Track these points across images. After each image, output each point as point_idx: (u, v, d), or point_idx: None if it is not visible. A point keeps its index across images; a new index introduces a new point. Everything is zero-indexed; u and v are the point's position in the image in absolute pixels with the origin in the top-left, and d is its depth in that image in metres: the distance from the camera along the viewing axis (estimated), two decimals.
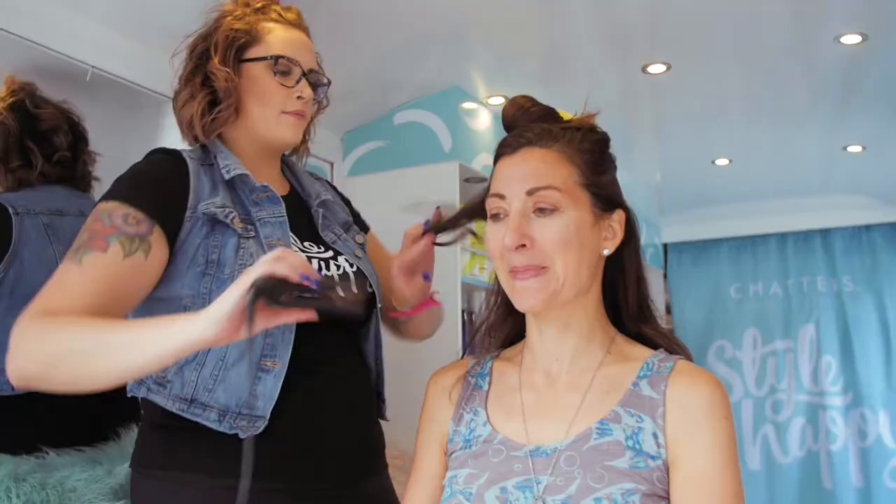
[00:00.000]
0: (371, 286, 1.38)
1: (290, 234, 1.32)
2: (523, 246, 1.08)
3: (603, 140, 1.17)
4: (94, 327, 1.10)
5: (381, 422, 1.44)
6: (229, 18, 1.35)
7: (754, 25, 2.19)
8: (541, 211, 1.09)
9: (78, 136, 1.86)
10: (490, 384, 1.19)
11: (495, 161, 1.17)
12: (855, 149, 3.37)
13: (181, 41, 1.38)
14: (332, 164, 2.58)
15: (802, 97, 2.77)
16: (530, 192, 1.09)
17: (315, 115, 1.46)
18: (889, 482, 4.26)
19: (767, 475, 4.52)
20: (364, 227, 1.57)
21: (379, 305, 1.40)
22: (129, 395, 1.31)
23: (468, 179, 2.69)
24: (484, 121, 2.79)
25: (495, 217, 1.13)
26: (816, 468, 4.44)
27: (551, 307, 1.10)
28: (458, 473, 1.12)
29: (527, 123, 1.15)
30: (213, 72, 1.32)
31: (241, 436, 1.20)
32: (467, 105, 2.67)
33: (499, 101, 2.68)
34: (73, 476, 1.30)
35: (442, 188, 2.49)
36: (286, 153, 1.47)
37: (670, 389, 1.07)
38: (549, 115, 1.17)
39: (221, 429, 1.21)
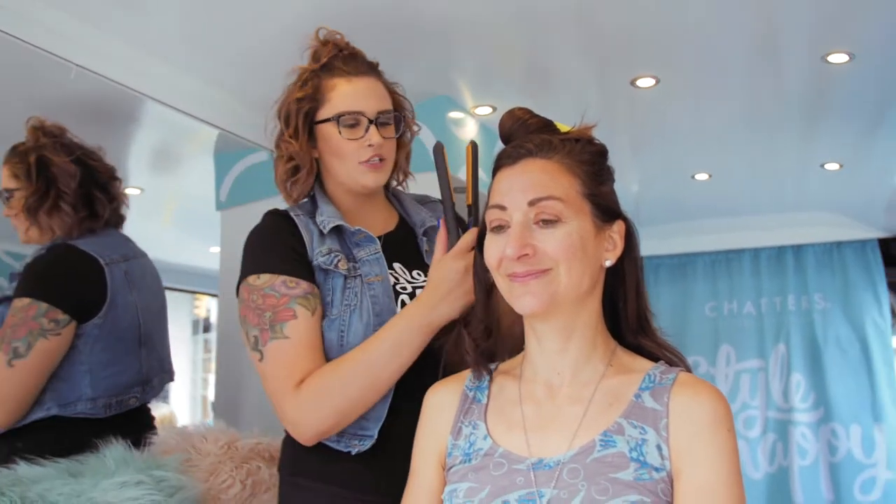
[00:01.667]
0: None
1: (398, 265, 1.47)
2: (525, 255, 1.07)
3: (602, 151, 1.18)
4: (355, 363, 1.33)
5: None
6: (292, 87, 1.48)
7: (743, 42, 2.20)
8: (544, 222, 1.08)
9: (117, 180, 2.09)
10: (489, 397, 1.18)
11: (494, 172, 1.16)
12: (832, 166, 3.41)
13: (272, 106, 1.51)
14: None
15: (786, 114, 2.80)
16: (532, 203, 1.08)
17: (410, 140, 1.59)
18: (859, 495, 4.30)
19: None
20: None
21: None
22: None
23: (455, 189, 2.67)
24: (470, 130, 2.77)
25: (495, 229, 1.11)
26: (786, 483, 4.48)
27: (551, 310, 1.09)
28: (458, 487, 1.11)
29: (525, 135, 1.15)
30: (282, 145, 1.48)
31: (353, 452, 1.38)
32: (454, 114, 2.65)
33: (486, 110, 2.67)
34: (55, 490, 1.26)
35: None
36: (392, 184, 1.60)
37: (673, 401, 1.06)
38: (547, 126, 1.17)
39: (339, 447, 1.38)
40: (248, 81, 2.22)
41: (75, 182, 1.96)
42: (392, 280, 1.45)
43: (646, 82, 2.43)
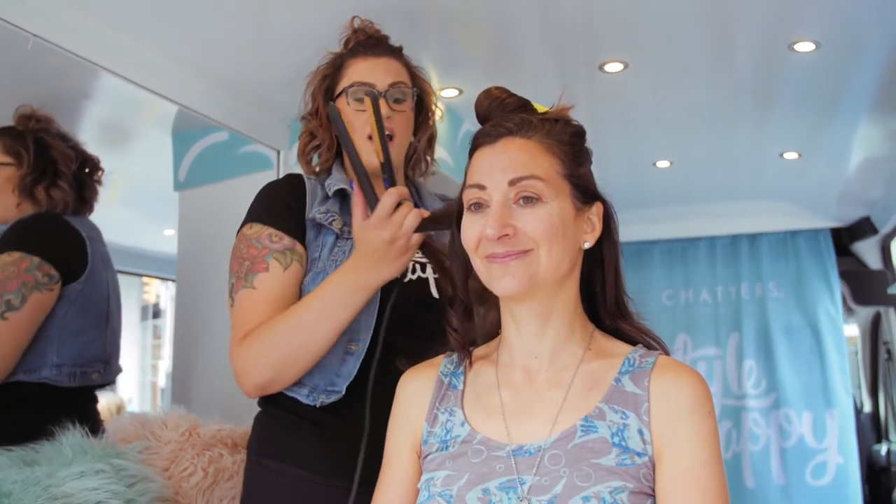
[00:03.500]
0: None
1: None
2: (506, 236, 1.04)
3: (580, 132, 1.16)
4: (290, 320, 1.32)
5: None
6: (322, 66, 1.55)
7: (712, 29, 2.19)
8: (525, 200, 1.06)
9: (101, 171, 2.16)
10: (465, 383, 1.16)
11: (472, 152, 1.14)
12: (791, 156, 3.44)
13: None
14: (278, 152, 2.49)
15: (751, 103, 2.80)
16: (513, 182, 1.06)
17: (433, 124, 1.62)
18: (811, 480, 4.39)
19: None
20: None
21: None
22: None
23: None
24: (437, 113, 2.74)
25: (473, 209, 1.09)
26: (739, 468, 4.55)
27: (530, 292, 1.07)
28: (436, 475, 1.08)
29: (503, 114, 1.13)
30: (307, 117, 1.55)
31: (317, 405, 1.40)
32: None
33: (452, 93, 2.63)
34: (9, 479, 1.19)
35: None
36: (410, 174, 1.62)
37: (654, 385, 1.06)
38: (525, 106, 1.16)
39: (307, 401, 1.40)
40: (211, 58, 2.16)
41: (75, 165, 2.04)
42: None
43: (614, 67, 2.42)
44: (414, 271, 1.49)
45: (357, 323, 1.38)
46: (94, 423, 1.77)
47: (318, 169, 1.56)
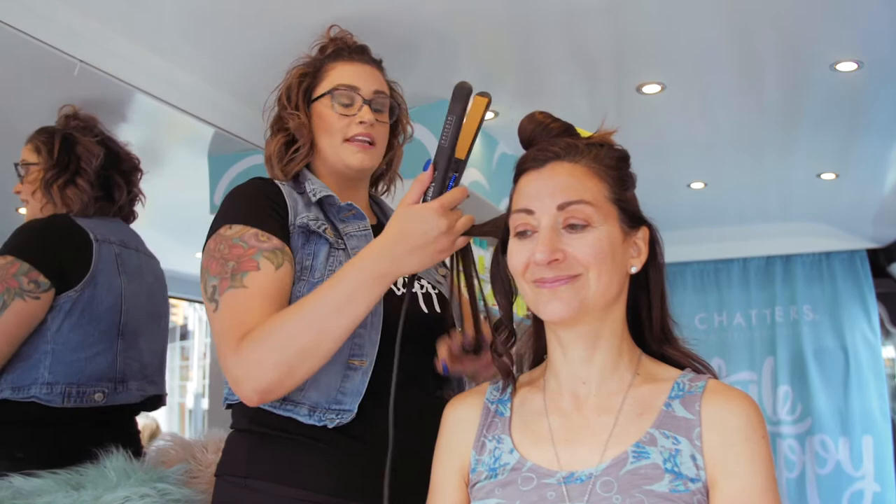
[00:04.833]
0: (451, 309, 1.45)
1: None
2: (555, 260, 1.04)
3: (625, 157, 1.16)
4: (297, 316, 1.21)
5: None
6: (299, 66, 1.51)
7: (750, 49, 2.19)
8: (572, 227, 1.05)
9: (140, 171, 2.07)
10: (512, 410, 1.14)
11: (517, 177, 1.13)
12: (828, 176, 3.41)
13: (269, 94, 1.53)
14: None
15: (790, 123, 2.79)
16: (562, 207, 1.05)
17: (402, 142, 1.59)
18: None
19: None
20: None
21: (459, 329, 1.43)
22: (224, 402, 1.39)
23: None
24: None
25: (521, 234, 1.08)
26: None
27: (579, 317, 1.06)
28: None
29: (548, 139, 1.12)
30: (285, 116, 1.47)
31: (329, 426, 1.28)
32: None
33: (488, 115, 2.64)
34: (56, 502, 1.19)
35: None
36: (373, 190, 1.58)
37: (705, 409, 1.04)
38: (569, 130, 1.15)
39: (311, 422, 1.28)
40: (247, 81, 2.18)
41: (97, 162, 1.92)
42: None
43: (651, 88, 2.41)
44: (405, 285, 1.41)
45: (359, 338, 1.30)
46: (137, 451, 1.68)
47: (288, 171, 1.47)
